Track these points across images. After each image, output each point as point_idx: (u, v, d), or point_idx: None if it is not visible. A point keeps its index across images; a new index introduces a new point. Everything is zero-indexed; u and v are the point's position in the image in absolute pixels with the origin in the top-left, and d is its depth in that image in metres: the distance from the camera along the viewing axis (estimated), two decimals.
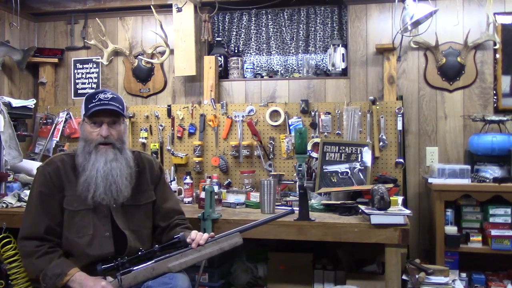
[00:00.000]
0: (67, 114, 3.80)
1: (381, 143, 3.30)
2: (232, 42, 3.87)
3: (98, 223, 2.00)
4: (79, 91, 4.01)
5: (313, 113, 3.42)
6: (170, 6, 3.68)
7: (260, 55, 3.84)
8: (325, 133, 3.40)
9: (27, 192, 2.86)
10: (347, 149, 3.18)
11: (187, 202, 3.10)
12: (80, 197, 1.99)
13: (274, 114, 3.48)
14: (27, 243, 1.97)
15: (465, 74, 3.39)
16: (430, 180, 3.03)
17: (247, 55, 3.84)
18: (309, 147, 3.25)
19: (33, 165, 3.26)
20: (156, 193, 2.19)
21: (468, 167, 3.02)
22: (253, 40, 3.83)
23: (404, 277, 2.55)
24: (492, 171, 3.03)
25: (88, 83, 3.98)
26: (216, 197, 2.64)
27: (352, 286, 2.69)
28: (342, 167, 3.15)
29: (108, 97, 2.00)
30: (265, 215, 2.58)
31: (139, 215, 2.10)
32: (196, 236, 1.93)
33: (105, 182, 1.96)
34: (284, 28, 3.79)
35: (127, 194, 2.01)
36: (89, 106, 1.99)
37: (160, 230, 2.17)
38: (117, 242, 2.00)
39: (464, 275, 2.97)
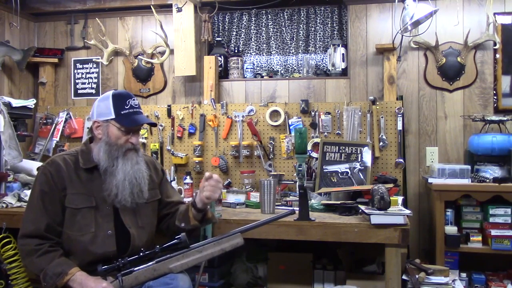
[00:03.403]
0: (67, 114, 3.80)
1: (381, 143, 3.30)
2: (232, 42, 3.87)
3: (101, 221, 2.01)
4: (79, 91, 4.01)
5: (313, 113, 3.42)
6: (170, 6, 3.69)
7: (260, 55, 3.84)
8: (325, 133, 3.40)
9: (27, 192, 2.87)
10: (347, 149, 3.18)
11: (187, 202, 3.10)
12: (82, 194, 2.02)
13: (274, 114, 3.48)
14: (27, 241, 1.97)
15: (465, 74, 3.39)
16: (430, 180, 3.04)
17: (247, 55, 3.84)
18: (309, 147, 3.25)
19: (33, 165, 3.26)
20: (161, 191, 2.25)
21: (468, 167, 3.02)
22: (253, 40, 3.83)
23: (404, 277, 2.55)
24: (492, 171, 3.03)
25: (88, 83, 3.98)
26: None
27: (352, 286, 2.69)
28: (342, 167, 3.16)
29: (137, 104, 2.08)
30: (265, 215, 2.58)
31: (146, 212, 2.14)
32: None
33: (130, 185, 2.02)
34: (284, 28, 3.79)
35: (147, 195, 2.09)
36: (122, 112, 2.02)
37: (169, 217, 2.24)
38: (120, 241, 2.02)
39: (464, 275, 2.97)
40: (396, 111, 3.29)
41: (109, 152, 2.02)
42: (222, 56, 3.75)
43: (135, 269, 1.85)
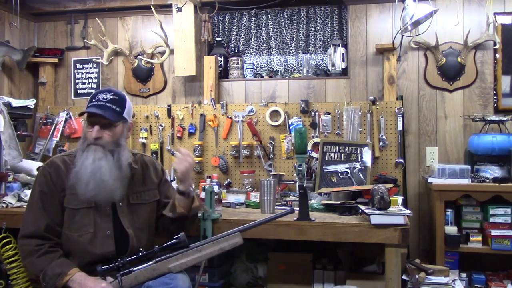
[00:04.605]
0: (67, 114, 3.80)
1: (381, 143, 3.30)
2: (232, 42, 3.87)
3: (100, 221, 2.01)
4: (79, 91, 4.01)
5: (313, 113, 3.42)
6: (170, 6, 3.69)
7: (260, 55, 3.84)
8: (325, 133, 3.40)
9: (27, 192, 2.87)
10: (347, 149, 3.18)
11: None
12: (80, 195, 2.00)
13: (274, 114, 3.48)
14: (27, 241, 1.98)
15: (465, 74, 3.39)
16: (430, 180, 3.03)
17: (247, 55, 3.84)
18: (309, 147, 3.25)
19: (33, 165, 3.26)
20: (160, 191, 2.24)
21: (468, 167, 3.02)
22: (253, 40, 3.83)
23: (404, 277, 2.55)
24: (492, 171, 3.02)
25: (88, 83, 3.98)
26: (216, 197, 2.63)
27: (352, 286, 2.69)
28: (342, 167, 3.15)
29: (107, 98, 2.02)
30: (265, 215, 2.58)
31: (144, 213, 2.14)
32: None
33: (94, 179, 1.96)
34: (284, 28, 3.79)
35: (120, 193, 2.03)
36: (88, 105, 2.03)
37: (169, 220, 2.19)
38: (119, 241, 2.02)
39: (464, 275, 2.96)
40: (396, 111, 3.29)
41: (81, 144, 2.05)
42: (222, 56, 3.75)
43: (135, 269, 1.85)
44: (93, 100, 2.02)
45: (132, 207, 2.09)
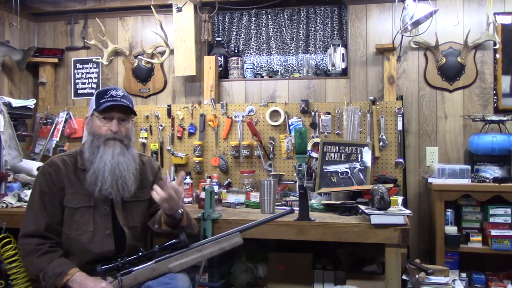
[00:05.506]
0: (67, 114, 3.80)
1: (381, 143, 3.30)
2: (232, 42, 3.87)
3: (99, 221, 2.02)
4: (79, 91, 4.01)
5: (313, 113, 3.42)
6: (170, 6, 3.69)
7: (260, 55, 3.84)
8: (325, 133, 3.40)
9: (27, 192, 2.87)
10: (347, 149, 3.18)
11: (187, 202, 3.10)
12: (81, 194, 2.02)
13: (274, 114, 3.48)
14: (28, 240, 1.98)
15: (465, 74, 3.39)
16: (430, 180, 3.03)
17: (247, 55, 3.84)
18: (309, 147, 3.25)
19: (33, 165, 3.26)
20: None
21: (468, 167, 3.02)
22: (253, 40, 3.83)
23: (404, 277, 2.55)
24: (492, 171, 3.03)
25: (88, 83, 3.98)
26: (216, 197, 2.63)
27: (352, 286, 2.69)
28: (342, 167, 3.15)
29: (119, 94, 2.07)
30: (265, 215, 2.58)
31: (138, 211, 2.13)
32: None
33: (112, 175, 1.99)
34: (284, 28, 3.79)
35: (132, 189, 2.06)
36: (101, 101, 2.03)
37: (155, 232, 2.17)
38: (117, 240, 2.02)
39: (464, 275, 2.97)
40: (396, 111, 3.29)
41: (92, 142, 2.04)
42: (222, 56, 3.75)
43: (134, 269, 1.86)
44: (105, 97, 2.04)
45: (126, 204, 2.09)
